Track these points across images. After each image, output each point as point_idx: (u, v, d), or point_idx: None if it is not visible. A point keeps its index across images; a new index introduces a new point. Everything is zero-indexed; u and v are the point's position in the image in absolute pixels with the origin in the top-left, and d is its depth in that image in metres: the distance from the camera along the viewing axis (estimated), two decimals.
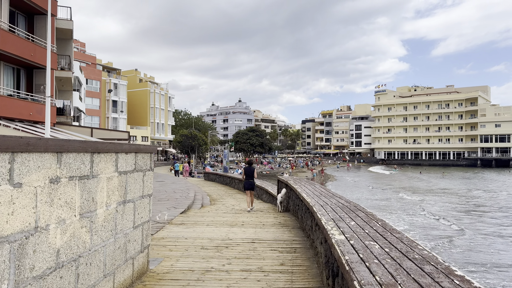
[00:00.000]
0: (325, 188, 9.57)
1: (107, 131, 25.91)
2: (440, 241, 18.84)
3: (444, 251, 17.09)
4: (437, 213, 27.29)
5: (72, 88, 28.21)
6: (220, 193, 21.12)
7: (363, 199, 34.64)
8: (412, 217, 25.60)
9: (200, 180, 32.65)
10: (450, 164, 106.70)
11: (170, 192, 16.76)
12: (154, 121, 75.64)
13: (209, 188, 24.54)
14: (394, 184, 50.90)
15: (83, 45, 65.00)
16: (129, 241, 4.75)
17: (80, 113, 41.60)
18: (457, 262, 15.20)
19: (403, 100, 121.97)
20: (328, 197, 7.72)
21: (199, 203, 14.40)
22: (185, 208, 12.01)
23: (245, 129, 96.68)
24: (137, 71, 79.26)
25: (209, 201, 16.77)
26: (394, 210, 28.71)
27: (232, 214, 11.42)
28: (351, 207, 6.16)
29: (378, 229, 4.39)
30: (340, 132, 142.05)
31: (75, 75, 37.17)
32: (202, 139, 58.68)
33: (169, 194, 15.91)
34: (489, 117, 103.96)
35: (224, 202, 16.82)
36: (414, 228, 21.91)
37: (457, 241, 19.09)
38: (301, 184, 11.05)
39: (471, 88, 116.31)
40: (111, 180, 4.23)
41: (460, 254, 16.72)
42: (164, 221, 9.47)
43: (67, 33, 24.98)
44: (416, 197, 36.79)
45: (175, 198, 14.64)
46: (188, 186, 20.07)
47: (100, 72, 63.95)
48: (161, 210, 11.32)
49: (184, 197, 14.84)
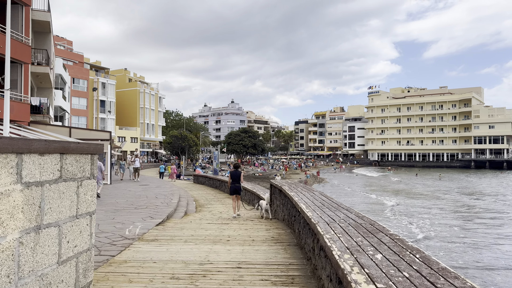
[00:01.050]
0: (327, 196, 8.07)
1: (87, 131, 24.20)
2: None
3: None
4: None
5: (51, 86, 26.45)
6: (208, 198, 19.56)
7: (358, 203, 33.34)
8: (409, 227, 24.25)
9: (189, 183, 31.02)
10: (444, 166, 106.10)
11: (151, 198, 15.16)
12: (143, 122, 73.76)
13: (197, 192, 22.96)
14: (392, 188, 49.63)
15: (70, 43, 62.98)
16: (49, 284, 3.21)
17: (64, 113, 39.75)
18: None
19: (396, 101, 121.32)
20: (333, 209, 6.22)
21: (182, 211, 12.83)
22: (164, 217, 10.44)
23: (238, 130, 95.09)
24: (126, 71, 77.33)
25: (195, 207, 15.21)
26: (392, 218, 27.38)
27: (218, 225, 9.87)
28: (367, 225, 4.66)
29: (422, 269, 2.89)
30: (333, 133, 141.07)
31: (58, 72, 35.40)
32: (192, 140, 56.97)
33: (150, 201, 14.31)
34: (482, 119, 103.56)
35: (211, 208, 15.27)
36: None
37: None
38: (297, 190, 9.54)
39: (464, 90, 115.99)
40: (7, 197, 2.70)
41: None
42: (134, 236, 7.90)
43: (44, 25, 23.25)
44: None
45: (155, 205, 13.05)
46: (173, 191, 18.47)
47: (87, 71, 61.96)
48: (135, 221, 9.74)
49: (166, 204, 13.26)
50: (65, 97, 40.28)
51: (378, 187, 48.50)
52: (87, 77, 61.34)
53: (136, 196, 15.82)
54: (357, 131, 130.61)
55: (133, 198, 15.23)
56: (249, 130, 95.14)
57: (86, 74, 61.21)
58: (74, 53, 61.95)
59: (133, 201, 14.26)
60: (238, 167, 12.57)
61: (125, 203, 13.51)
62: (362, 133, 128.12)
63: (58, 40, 61.35)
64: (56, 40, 61.11)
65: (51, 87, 26.68)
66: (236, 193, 11.91)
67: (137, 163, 24.59)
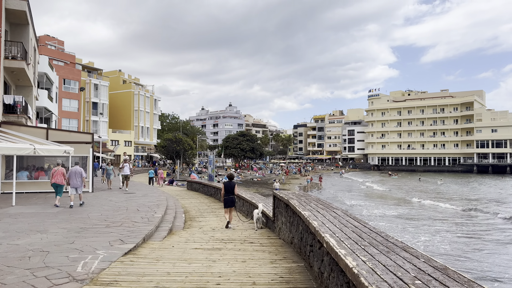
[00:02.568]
0: (356, 219, 5.80)
1: (66, 132, 21.81)
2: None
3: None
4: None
5: (31, 84, 24.13)
6: (201, 208, 17.25)
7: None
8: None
9: (182, 190, 28.68)
10: (446, 170, 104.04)
11: (132, 211, 12.84)
12: (138, 125, 71.39)
13: (189, 201, 20.63)
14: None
15: (61, 43, 60.71)
16: None
17: (50, 114, 37.41)
18: None
19: (397, 104, 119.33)
20: (382, 247, 3.93)
21: (166, 228, 10.52)
22: (139, 241, 8.14)
23: (236, 133, 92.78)
24: (120, 72, 75.01)
25: (183, 221, 12.90)
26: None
27: (208, 252, 7.58)
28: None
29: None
30: (332, 137, 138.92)
31: (42, 70, 33.12)
32: (188, 144, 54.56)
33: (128, 214, 12.00)
34: (485, 122, 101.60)
35: (203, 223, 12.98)
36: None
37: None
38: (311, 207, 7.27)
39: (466, 93, 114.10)
40: None
41: None
42: (87, 276, 5.59)
43: (20, 16, 20.99)
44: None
45: (133, 221, 10.73)
46: (160, 201, 16.15)
47: (79, 72, 59.64)
48: (99, 247, 7.43)
49: (147, 220, 10.95)
50: (52, 98, 37.94)
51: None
52: (79, 78, 59.02)
53: (115, 209, 13.50)
54: (356, 135, 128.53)
55: (110, 211, 12.91)
56: (247, 133, 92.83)
57: (78, 75, 58.90)
58: (65, 53, 59.72)
59: (109, 215, 11.94)
60: (232, 178, 12.05)
61: (98, 219, 11.19)
62: (362, 137, 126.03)
63: (49, 40, 59.14)
64: (47, 39, 58.91)
65: (31, 85, 24.36)
66: (230, 206, 11.49)
67: (126, 169, 20.70)
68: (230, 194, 11.47)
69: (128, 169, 20.99)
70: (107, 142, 63.68)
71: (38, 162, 20.15)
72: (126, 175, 20.90)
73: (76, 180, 14.22)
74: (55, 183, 14.04)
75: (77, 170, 14.49)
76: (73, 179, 14.12)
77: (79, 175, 14.35)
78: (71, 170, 14.47)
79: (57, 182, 14.03)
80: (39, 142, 16.27)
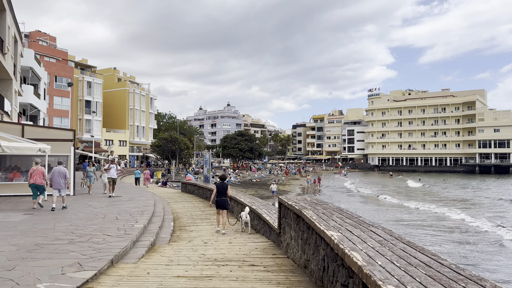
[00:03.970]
0: (417, 247, 3.80)
1: (44, 129, 19.74)
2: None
3: None
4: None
5: (9, 77, 22.08)
6: (194, 214, 15.25)
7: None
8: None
9: (176, 192, 26.67)
10: (447, 171, 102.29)
11: (109, 220, 10.82)
12: (133, 124, 69.28)
13: (181, 205, 18.63)
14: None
15: (53, 39, 58.59)
16: None
17: (38, 112, 35.34)
18: None
19: (397, 104, 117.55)
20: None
21: (146, 242, 8.52)
22: (105, 264, 6.13)
23: (234, 133, 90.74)
24: (115, 70, 72.89)
25: (171, 231, 10.90)
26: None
27: (195, 282, 5.57)
28: None
29: None
30: (332, 137, 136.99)
31: (27, 65, 31.06)
32: (184, 143, 52.42)
33: (103, 225, 9.98)
34: (487, 122, 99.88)
35: (195, 233, 10.98)
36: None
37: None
38: (335, 221, 5.28)
39: (468, 92, 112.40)
40: None
41: None
42: None
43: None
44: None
45: (106, 234, 8.72)
46: (147, 206, 14.14)
47: (71, 69, 57.58)
48: (43, 277, 5.41)
49: (123, 232, 8.94)
50: (40, 95, 35.85)
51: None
52: (71, 75, 56.95)
53: (90, 217, 11.48)
54: (356, 135, 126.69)
55: (83, 220, 10.89)
56: (246, 133, 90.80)
57: (70, 72, 56.83)
58: (57, 49, 57.63)
59: (80, 225, 9.92)
60: (224, 179, 11.39)
61: (64, 230, 9.17)
62: (362, 137, 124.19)
63: (40, 35, 57.03)
64: (38, 35, 56.85)
65: (10, 78, 22.31)
66: (223, 208, 10.85)
67: (112, 171, 17.68)
68: (223, 196, 10.90)
69: (115, 171, 17.96)
70: (101, 142, 61.59)
71: (15, 161, 18.11)
72: (113, 179, 17.73)
73: (60, 181, 12.94)
74: (34, 184, 12.87)
75: (61, 170, 13.11)
76: (56, 180, 12.86)
77: (62, 176, 13.00)
78: (54, 170, 13.09)
79: (36, 182, 12.83)
80: (9, 139, 14.24)
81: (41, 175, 12.97)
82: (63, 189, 13.20)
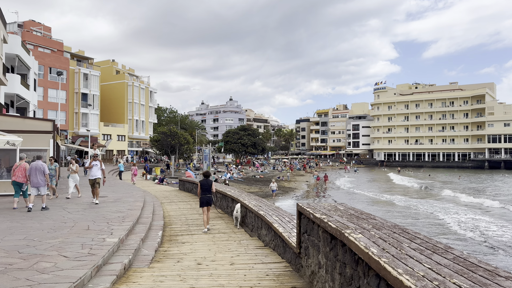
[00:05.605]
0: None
1: (19, 119, 17.37)
2: None
3: None
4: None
5: None
6: (190, 217, 12.96)
7: None
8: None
9: (173, 190, 24.38)
10: (455, 166, 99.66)
11: (77, 230, 8.48)
12: (132, 118, 66.98)
13: (177, 205, 16.32)
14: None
15: (47, 29, 56.22)
16: None
17: (27, 104, 33.07)
18: None
19: (404, 97, 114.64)
20: None
21: (118, 266, 6.18)
22: None
23: (236, 128, 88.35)
24: (113, 62, 70.49)
25: (158, 245, 8.58)
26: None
27: None
28: None
29: None
30: (336, 132, 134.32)
31: (13, 52, 28.72)
32: (184, 137, 50.07)
33: (66, 238, 7.64)
34: (497, 116, 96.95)
35: (187, 246, 8.66)
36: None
37: None
38: (408, 251, 2.91)
39: (477, 85, 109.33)
40: None
41: None
42: None
43: None
44: None
45: (62, 254, 6.38)
46: (133, 209, 11.82)
47: (67, 60, 55.25)
48: None
49: (88, 250, 6.61)
50: (29, 85, 33.56)
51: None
52: (67, 66, 54.66)
53: (56, 226, 9.16)
54: (361, 130, 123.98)
55: (45, 230, 8.57)
56: (249, 128, 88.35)
57: (66, 64, 54.52)
58: (52, 40, 55.32)
59: (36, 238, 7.59)
60: (208, 175, 11.36)
61: (10, 248, 6.85)
62: (367, 132, 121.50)
63: (34, 25, 54.68)
64: (32, 25, 54.52)
65: None
66: (207, 205, 10.80)
67: (95, 170, 13.35)
68: (207, 193, 10.82)
69: (99, 170, 13.46)
70: (99, 136, 59.38)
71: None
72: (95, 179, 13.25)
73: (37, 178, 11.50)
74: (15, 181, 11.76)
75: (38, 166, 11.58)
76: (34, 176, 11.49)
77: (40, 172, 11.54)
78: (31, 166, 11.63)
79: (17, 180, 11.70)
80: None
81: (23, 172, 11.66)
82: (42, 187, 11.70)
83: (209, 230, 10.58)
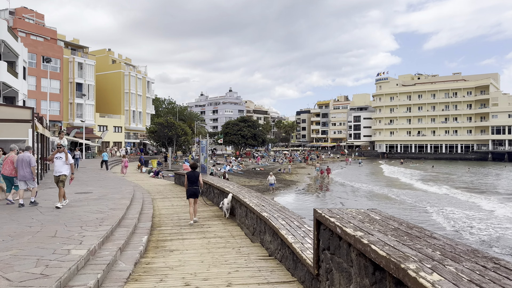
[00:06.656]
0: None
1: None
2: None
3: None
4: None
5: None
6: (183, 217, 11.46)
7: None
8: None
9: (168, 184, 22.89)
10: (458, 158, 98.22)
11: (41, 238, 6.94)
12: (129, 109, 65.27)
13: (170, 202, 14.82)
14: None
15: (40, 16, 54.29)
16: None
17: (16, 93, 31.44)
18: None
19: (406, 88, 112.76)
20: None
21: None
22: None
23: (236, 119, 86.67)
24: (109, 51, 68.56)
25: (140, 254, 7.06)
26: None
27: None
28: None
29: None
30: (337, 123, 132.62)
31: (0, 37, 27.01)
32: (181, 129, 48.44)
33: (21, 251, 6.11)
34: (501, 107, 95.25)
35: (176, 255, 7.15)
36: None
37: None
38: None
39: (481, 76, 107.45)
40: None
41: None
42: None
43: None
44: None
45: (6, 277, 4.87)
46: (117, 208, 10.30)
47: (61, 49, 53.42)
48: None
49: (41, 269, 5.08)
50: (17, 73, 31.89)
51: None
52: (61, 55, 52.86)
53: (19, 230, 7.64)
54: (363, 121, 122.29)
55: (0, 237, 7.05)
56: (248, 119, 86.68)
57: (59, 52, 52.72)
58: (45, 28, 53.45)
59: None
60: (196, 167, 11.12)
61: None
62: (369, 123, 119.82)
63: (26, 12, 52.77)
64: (24, 12, 52.62)
65: None
66: (194, 197, 10.55)
67: (59, 164, 10.55)
68: (194, 185, 10.66)
69: (64, 164, 10.58)
70: (94, 128, 57.78)
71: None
72: (59, 176, 10.50)
73: (24, 170, 10.80)
74: (3, 175, 11.33)
75: (25, 158, 10.78)
76: (20, 169, 10.75)
77: (27, 164, 10.75)
78: (18, 158, 10.92)
79: (5, 173, 11.19)
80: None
81: (10, 165, 11.04)
82: (30, 180, 10.91)
83: (196, 222, 10.46)
